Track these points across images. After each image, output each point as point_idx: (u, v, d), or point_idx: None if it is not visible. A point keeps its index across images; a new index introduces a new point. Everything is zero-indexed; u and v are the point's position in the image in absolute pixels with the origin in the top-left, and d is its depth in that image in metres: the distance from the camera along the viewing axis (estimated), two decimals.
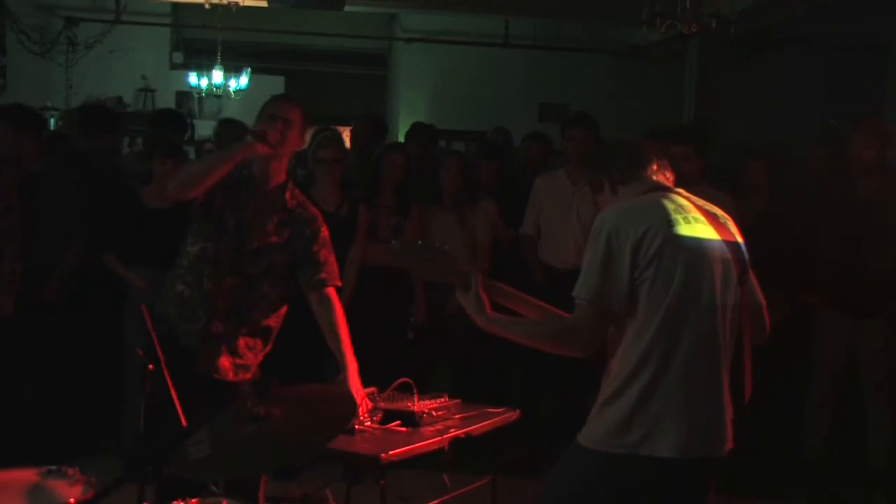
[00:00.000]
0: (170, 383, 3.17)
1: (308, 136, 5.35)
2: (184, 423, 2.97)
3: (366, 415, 3.42)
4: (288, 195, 3.71)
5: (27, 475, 2.81)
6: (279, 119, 3.57)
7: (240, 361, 3.73)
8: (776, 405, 5.20)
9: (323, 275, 3.73)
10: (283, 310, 3.81)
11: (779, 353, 5.12)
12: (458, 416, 3.56)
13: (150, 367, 3.23)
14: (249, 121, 5.31)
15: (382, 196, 5.51)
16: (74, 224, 5.08)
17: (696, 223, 2.58)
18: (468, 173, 5.72)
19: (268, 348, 3.84)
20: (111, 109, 5.70)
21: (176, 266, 3.73)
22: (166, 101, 12.20)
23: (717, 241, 2.61)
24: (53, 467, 2.84)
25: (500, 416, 3.64)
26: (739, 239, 2.70)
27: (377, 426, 3.39)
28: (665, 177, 2.76)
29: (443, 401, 3.65)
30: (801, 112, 9.28)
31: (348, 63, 14.42)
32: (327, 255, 3.77)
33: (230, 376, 3.70)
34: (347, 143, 6.95)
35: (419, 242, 2.97)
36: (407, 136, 6.96)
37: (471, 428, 3.46)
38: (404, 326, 5.51)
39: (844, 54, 9.82)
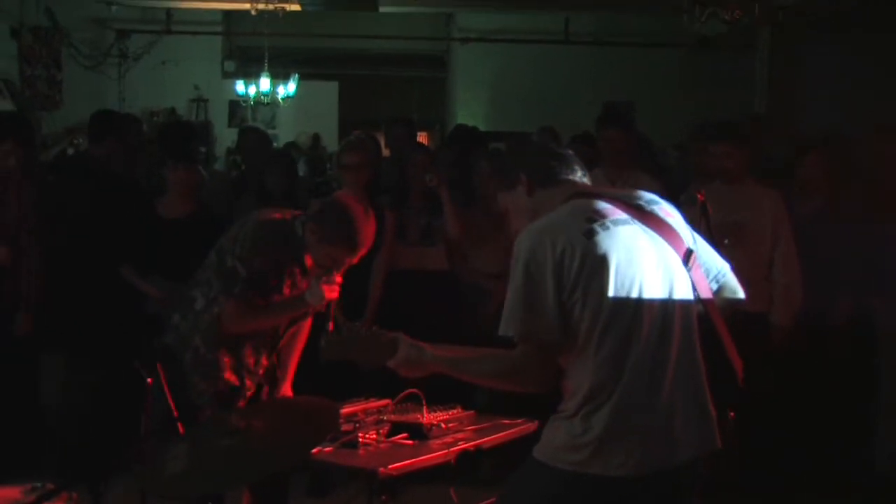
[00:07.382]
0: (169, 397, 3.13)
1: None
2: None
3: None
4: None
5: (11, 493, 2.76)
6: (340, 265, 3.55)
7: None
8: (843, 414, 4.93)
9: None
10: None
11: (842, 358, 4.91)
12: (469, 428, 3.42)
13: (149, 381, 3.20)
14: (301, 127, 5.22)
15: (411, 198, 5.36)
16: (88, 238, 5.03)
17: (615, 226, 2.43)
18: None
19: None
20: (118, 114, 5.62)
21: (200, 312, 3.57)
22: (219, 110, 12.27)
23: (645, 236, 2.46)
24: (38, 485, 2.78)
25: (515, 428, 3.48)
26: (673, 220, 2.55)
27: (382, 439, 3.26)
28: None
29: (455, 412, 3.52)
30: (879, 101, 8.76)
31: (407, 66, 14.32)
32: None
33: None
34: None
35: (340, 335, 2.82)
36: (448, 138, 6.84)
37: (482, 440, 3.31)
38: (438, 334, 5.34)
39: None
